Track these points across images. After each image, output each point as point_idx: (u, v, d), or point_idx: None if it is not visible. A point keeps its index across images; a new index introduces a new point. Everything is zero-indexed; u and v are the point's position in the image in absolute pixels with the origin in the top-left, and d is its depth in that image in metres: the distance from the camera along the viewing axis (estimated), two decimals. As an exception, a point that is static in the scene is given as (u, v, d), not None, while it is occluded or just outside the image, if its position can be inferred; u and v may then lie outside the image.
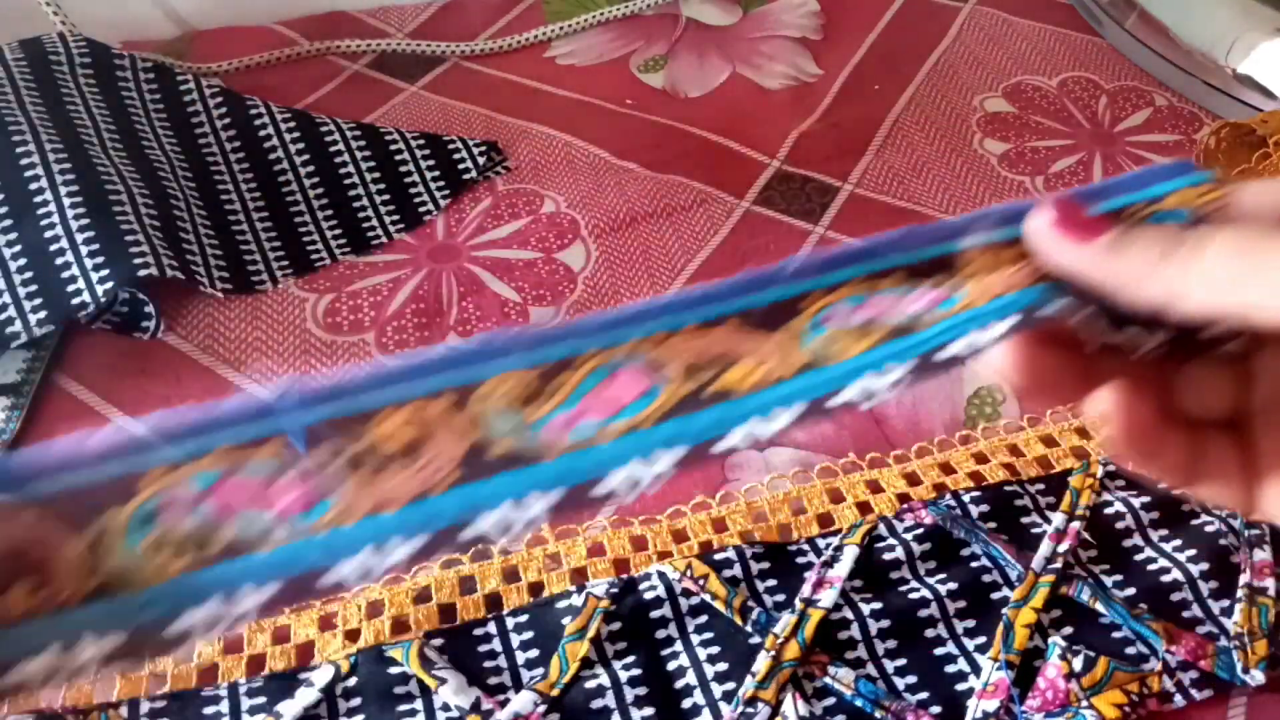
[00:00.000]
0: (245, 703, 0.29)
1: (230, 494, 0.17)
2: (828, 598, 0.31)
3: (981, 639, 0.30)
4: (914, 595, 0.31)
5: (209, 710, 0.29)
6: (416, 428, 0.18)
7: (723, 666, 0.29)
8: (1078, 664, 0.29)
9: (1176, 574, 0.31)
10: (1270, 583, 0.31)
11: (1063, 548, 0.32)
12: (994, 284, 0.19)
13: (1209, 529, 0.32)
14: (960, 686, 0.29)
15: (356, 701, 0.29)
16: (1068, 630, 0.30)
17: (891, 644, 0.30)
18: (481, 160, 0.48)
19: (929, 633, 0.30)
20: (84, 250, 0.38)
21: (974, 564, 0.32)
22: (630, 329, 0.19)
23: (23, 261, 0.39)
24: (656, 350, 0.19)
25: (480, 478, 0.17)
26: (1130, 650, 0.30)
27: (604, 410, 0.18)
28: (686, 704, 0.29)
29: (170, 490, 0.16)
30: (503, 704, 0.28)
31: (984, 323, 0.19)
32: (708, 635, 0.30)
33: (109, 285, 0.38)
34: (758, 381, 0.19)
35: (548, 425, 0.18)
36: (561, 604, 0.31)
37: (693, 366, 0.19)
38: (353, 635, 0.30)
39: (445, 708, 0.29)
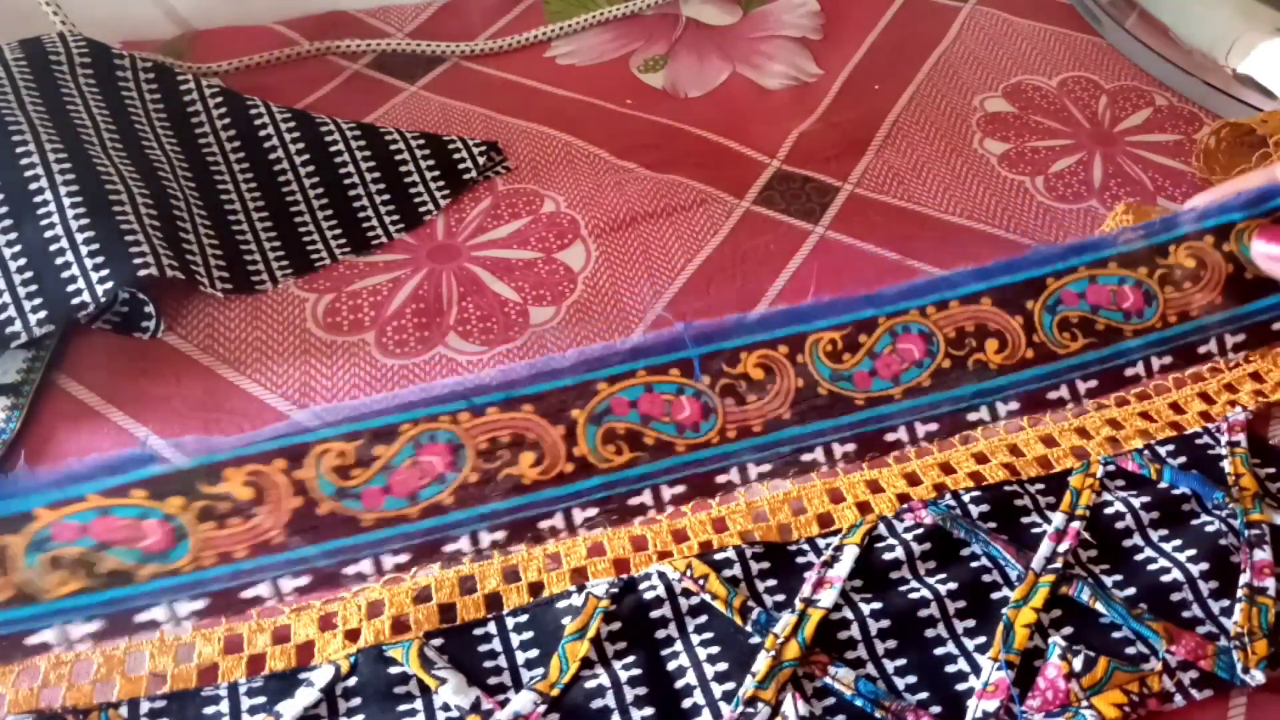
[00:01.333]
0: (245, 703, 0.29)
1: (649, 406, 0.23)
2: (828, 598, 0.31)
3: (981, 639, 0.30)
4: (914, 595, 0.31)
5: (209, 710, 0.29)
6: (764, 370, 0.24)
7: (723, 666, 0.29)
8: (1078, 664, 0.29)
9: (1176, 574, 0.31)
10: (1270, 583, 0.31)
11: (1063, 548, 0.32)
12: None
13: (1209, 529, 0.32)
14: (960, 686, 0.29)
15: (356, 701, 0.29)
16: (1068, 630, 0.30)
17: (891, 644, 0.30)
18: (481, 160, 0.48)
19: (929, 633, 0.30)
20: (84, 250, 0.38)
21: (974, 564, 0.32)
22: (917, 300, 0.25)
23: (23, 261, 0.39)
24: (927, 320, 0.25)
25: (808, 419, 0.24)
26: (1130, 650, 0.30)
27: (891, 371, 0.24)
28: (686, 704, 0.29)
29: (614, 399, 0.23)
30: (503, 704, 0.28)
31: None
32: (708, 635, 0.30)
33: (109, 285, 0.38)
34: (1000, 363, 0.25)
35: (855, 375, 0.24)
36: (561, 604, 0.31)
37: (956, 338, 0.25)
38: (353, 635, 0.30)
39: (445, 708, 0.29)
